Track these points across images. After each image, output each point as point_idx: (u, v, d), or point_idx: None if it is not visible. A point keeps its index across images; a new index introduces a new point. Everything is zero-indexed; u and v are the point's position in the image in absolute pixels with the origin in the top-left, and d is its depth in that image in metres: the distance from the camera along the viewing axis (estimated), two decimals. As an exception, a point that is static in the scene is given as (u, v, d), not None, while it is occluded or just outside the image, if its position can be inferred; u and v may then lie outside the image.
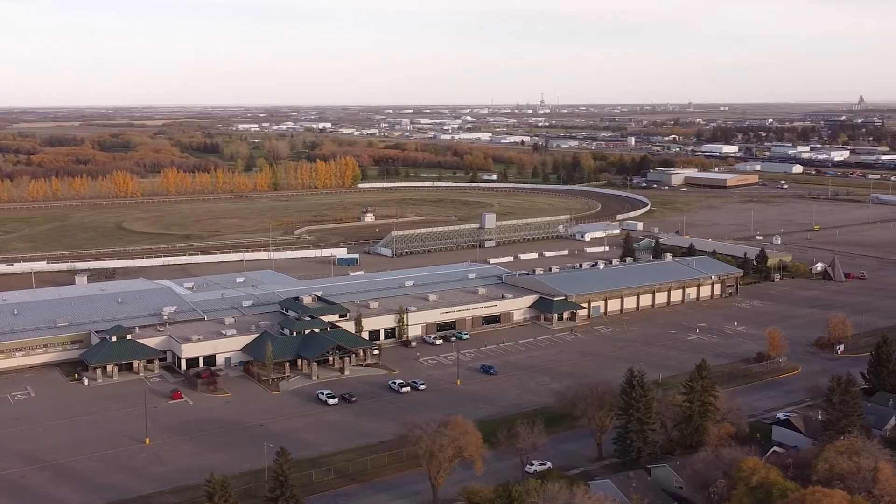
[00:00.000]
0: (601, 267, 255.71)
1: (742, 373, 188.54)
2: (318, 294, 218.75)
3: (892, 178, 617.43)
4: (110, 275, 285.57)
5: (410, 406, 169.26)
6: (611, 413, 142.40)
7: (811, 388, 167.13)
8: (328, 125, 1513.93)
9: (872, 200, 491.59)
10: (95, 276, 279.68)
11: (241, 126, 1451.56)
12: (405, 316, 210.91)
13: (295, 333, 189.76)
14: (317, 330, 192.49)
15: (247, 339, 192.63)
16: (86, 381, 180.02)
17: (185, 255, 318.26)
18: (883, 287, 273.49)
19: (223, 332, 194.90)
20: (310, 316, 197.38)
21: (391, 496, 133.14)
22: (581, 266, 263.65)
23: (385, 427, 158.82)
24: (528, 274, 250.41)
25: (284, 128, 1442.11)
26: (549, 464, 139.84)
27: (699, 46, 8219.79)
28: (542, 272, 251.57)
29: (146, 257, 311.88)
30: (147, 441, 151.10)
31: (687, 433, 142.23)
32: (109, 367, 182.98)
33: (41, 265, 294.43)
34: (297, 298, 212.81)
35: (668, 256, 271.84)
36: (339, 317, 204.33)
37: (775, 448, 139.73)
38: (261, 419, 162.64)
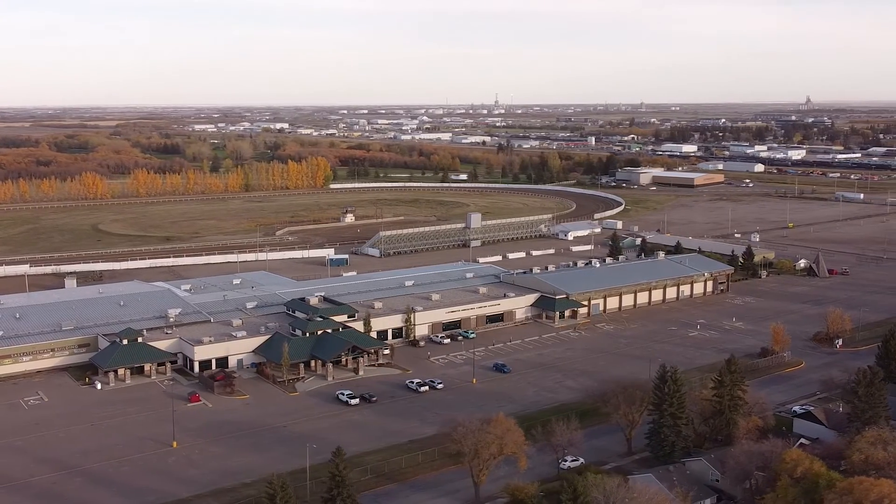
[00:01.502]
0: (597, 265, 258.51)
1: (749, 368, 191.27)
2: (323, 295, 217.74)
3: (852, 177, 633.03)
4: (97, 277, 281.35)
5: (431, 405, 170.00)
6: (641, 408, 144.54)
7: (825, 380, 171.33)
8: (286, 126, 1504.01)
9: (837, 198, 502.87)
10: (83, 278, 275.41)
11: (196, 127, 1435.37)
12: (412, 316, 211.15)
13: (308, 334, 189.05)
14: (329, 330, 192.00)
15: (258, 341, 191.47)
16: (98, 385, 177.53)
17: (170, 256, 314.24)
18: (866, 282, 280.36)
19: (233, 333, 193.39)
20: (321, 317, 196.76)
21: (431, 494, 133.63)
22: (576, 264, 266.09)
23: (411, 427, 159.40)
24: (525, 273, 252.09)
25: (242, 128, 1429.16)
26: (581, 460, 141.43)
27: (649, 47, 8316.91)
28: (539, 271, 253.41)
29: (130, 259, 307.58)
30: (174, 444, 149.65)
31: (717, 427, 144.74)
32: (121, 371, 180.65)
33: (24, 268, 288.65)
34: (302, 299, 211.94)
35: (661, 254, 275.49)
36: (348, 317, 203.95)
37: (802, 440, 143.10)
38: (283, 420, 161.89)
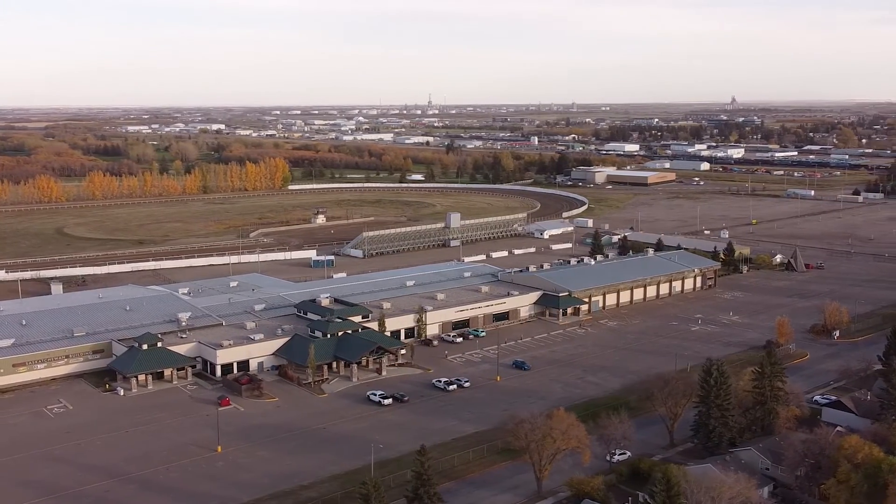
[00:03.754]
0: (592, 263, 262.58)
1: (759, 360, 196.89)
2: (334, 296, 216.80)
3: (796, 174, 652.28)
4: (81, 282, 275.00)
5: (463, 403, 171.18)
6: (685, 401, 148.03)
7: (843, 370, 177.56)
8: (222, 127, 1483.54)
9: (789, 195, 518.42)
10: (66, 284, 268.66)
11: (130, 128, 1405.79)
12: (424, 315, 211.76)
13: (329, 336, 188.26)
14: (349, 331, 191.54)
15: (278, 343, 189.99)
16: (121, 392, 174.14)
17: (149, 260, 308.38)
18: (842, 276, 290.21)
19: (251, 336, 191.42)
20: (339, 318, 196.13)
21: (492, 491, 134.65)
22: (569, 262, 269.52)
23: (450, 425, 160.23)
24: (521, 271, 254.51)
25: (178, 129, 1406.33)
26: (628, 453, 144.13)
27: (578, 49, 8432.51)
28: (534, 269, 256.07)
29: (110, 263, 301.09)
30: (219, 449, 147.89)
31: (758, 417, 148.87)
32: (142, 377, 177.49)
33: (15, 275, 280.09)
34: (313, 301, 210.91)
35: (650, 251, 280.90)
36: (362, 318, 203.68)
37: (838, 428, 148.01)
38: (321, 422, 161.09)
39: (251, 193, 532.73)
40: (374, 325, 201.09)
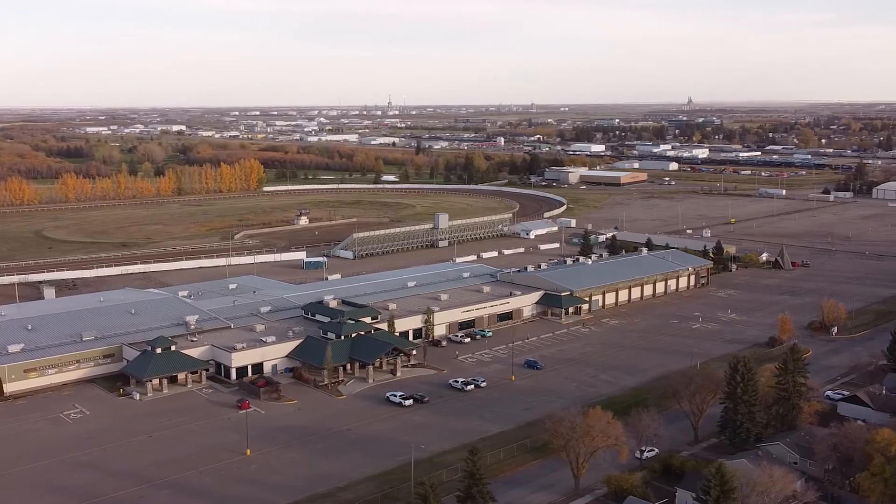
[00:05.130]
0: (589, 262, 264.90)
1: (766, 356, 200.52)
2: (342, 298, 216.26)
3: (763, 174, 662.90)
4: (71, 286, 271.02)
5: (483, 403, 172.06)
6: (709, 398, 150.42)
7: (855, 364, 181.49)
8: (183, 127, 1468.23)
9: (760, 194, 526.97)
10: (57, 287, 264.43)
11: (88, 129, 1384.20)
12: (431, 316, 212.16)
13: (343, 337, 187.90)
14: (362, 333, 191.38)
15: (291, 345, 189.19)
16: (137, 396, 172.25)
17: (136, 262, 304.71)
18: (829, 273, 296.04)
19: (263, 339, 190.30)
20: (351, 319, 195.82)
21: (528, 489, 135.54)
22: (566, 262, 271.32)
23: (474, 425, 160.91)
24: (519, 271, 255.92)
25: (138, 131, 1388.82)
26: (656, 450, 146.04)
27: (534, 50, 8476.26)
28: (532, 269, 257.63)
29: (97, 266, 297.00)
30: (248, 452, 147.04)
31: (781, 413, 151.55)
32: (156, 381, 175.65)
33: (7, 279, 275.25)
34: (320, 302, 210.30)
35: (644, 251, 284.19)
36: (371, 319, 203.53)
37: (859, 422, 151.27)
38: (344, 424, 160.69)
39: (226, 195, 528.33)
40: (383, 326, 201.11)
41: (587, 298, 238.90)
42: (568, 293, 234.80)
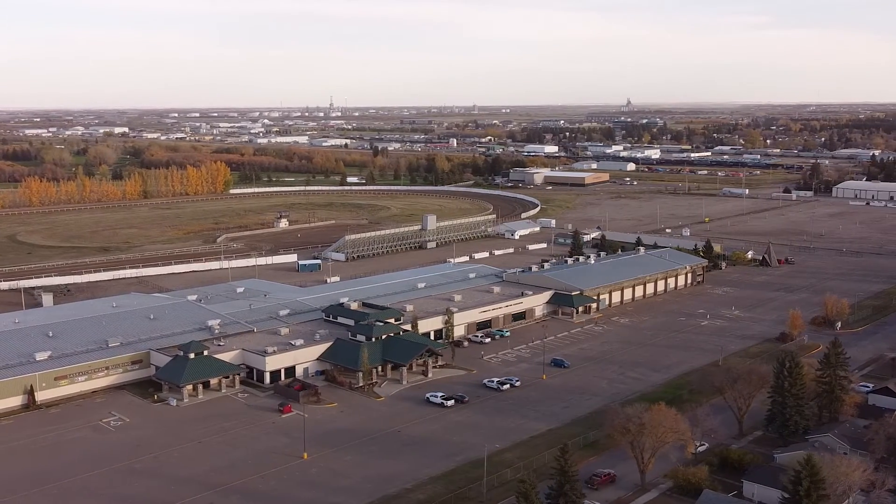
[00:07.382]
0: (592, 262, 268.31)
1: (780, 352, 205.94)
2: (362, 300, 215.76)
3: (719, 174, 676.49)
4: (65, 292, 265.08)
5: (522, 402, 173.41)
6: (755, 392, 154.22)
7: (875, 357, 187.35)
8: (126, 129, 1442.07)
9: (724, 194, 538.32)
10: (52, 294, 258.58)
11: (27, 131, 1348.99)
12: (452, 317, 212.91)
13: (374, 339, 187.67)
14: (392, 334, 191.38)
15: (322, 348, 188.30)
16: (173, 402, 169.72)
17: (126, 267, 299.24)
18: (814, 270, 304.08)
19: (292, 342, 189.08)
20: (378, 321, 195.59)
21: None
22: (567, 262, 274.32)
23: (519, 423, 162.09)
24: (524, 271, 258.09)
25: (79, 133, 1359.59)
26: (706, 444, 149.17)
27: (479, 51, 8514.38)
28: (536, 269, 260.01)
29: (85, 272, 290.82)
30: (305, 455, 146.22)
31: (824, 405, 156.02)
32: (191, 386, 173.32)
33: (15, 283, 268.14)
34: (341, 305, 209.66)
35: (641, 250, 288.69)
36: (395, 320, 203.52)
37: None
38: (392, 425, 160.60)
39: (194, 198, 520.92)
40: (406, 328, 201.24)
41: (596, 297, 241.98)
42: (578, 292, 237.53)
